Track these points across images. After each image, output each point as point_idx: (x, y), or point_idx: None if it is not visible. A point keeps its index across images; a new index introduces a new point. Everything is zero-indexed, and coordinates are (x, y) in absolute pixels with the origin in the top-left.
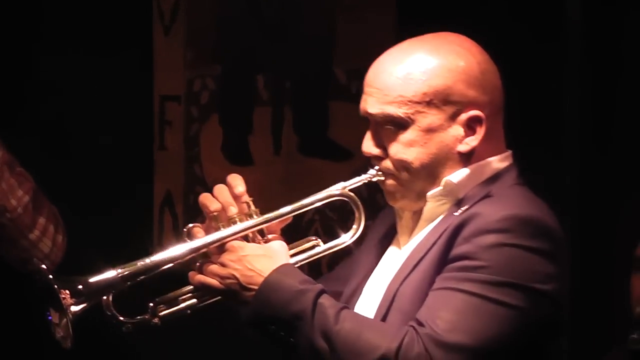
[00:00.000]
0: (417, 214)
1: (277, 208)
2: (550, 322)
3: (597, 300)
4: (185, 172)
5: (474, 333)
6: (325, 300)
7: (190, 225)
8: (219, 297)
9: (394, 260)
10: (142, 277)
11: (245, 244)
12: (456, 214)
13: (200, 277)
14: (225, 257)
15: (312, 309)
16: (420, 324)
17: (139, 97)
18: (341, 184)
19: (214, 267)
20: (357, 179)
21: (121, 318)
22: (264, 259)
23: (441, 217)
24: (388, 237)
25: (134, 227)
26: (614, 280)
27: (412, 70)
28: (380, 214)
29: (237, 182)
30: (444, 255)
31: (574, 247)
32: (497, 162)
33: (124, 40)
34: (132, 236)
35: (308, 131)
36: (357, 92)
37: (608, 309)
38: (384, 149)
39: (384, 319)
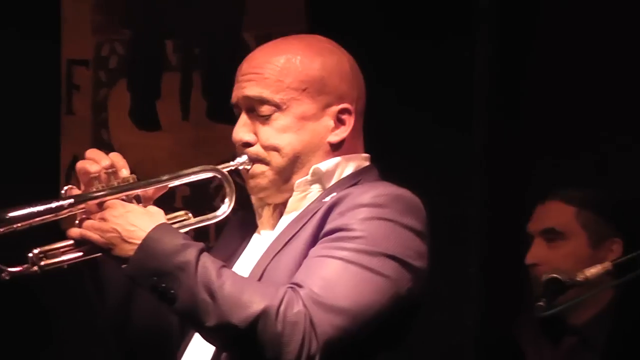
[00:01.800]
0: (278, 210)
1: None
2: (417, 297)
3: (508, 269)
4: (92, 137)
5: (350, 297)
6: (207, 256)
7: (67, 187)
8: (99, 252)
9: (258, 247)
10: (20, 226)
11: (126, 203)
12: (325, 200)
13: (81, 231)
14: (106, 213)
15: (196, 262)
16: (299, 285)
17: (47, 61)
18: (212, 166)
19: (94, 222)
20: (227, 164)
21: None
22: (145, 216)
23: (306, 203)
24: (246, 236)
25: (40, 192)
26: (525, 248)
27: (290, 60)
28: (229, 223)
29: (119, 159)
30: (317, 232)
31: (486, 216)
32: (362, 159)
33: (31, 3)
34: (38, 201)
35: (217, 96)
36: None
37: (519, 277)
38: (256, 135)
39: None
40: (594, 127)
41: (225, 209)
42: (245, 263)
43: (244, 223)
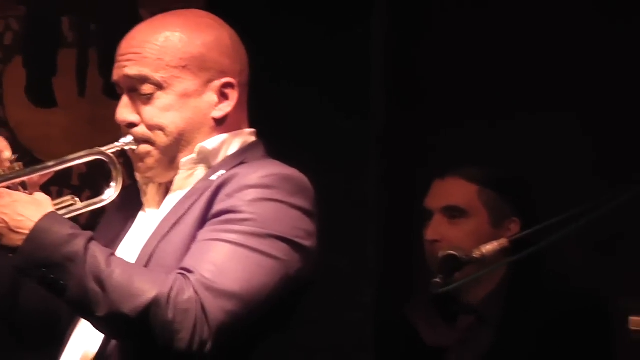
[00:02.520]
0: (163, 188)
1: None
2: (307, 277)
3: (406, 247)
4: None
5: (241, 281)
6: (95, 245)
7: None
8: None
9: (144, 226)
10: None
11: (13, 191)
12: (213, 178)
13: None
14: None
15: (84, 252)
16: (189, 270)
17: None
18: (97, 149)
19: None
20: (111, 145)
21: None
22: (32, 206)
23: (192, 182)
24: (131, 213)
25: None
26: (422, 224)
27: (169, 38)
28: (113, 203)
29: (3, 145)
30: (205, 214)
31: (383, 193)
32: (248, 134)
33: None
34: None
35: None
36: None
37: (413, 258)
38: (139, 115)
39: None
40: (489, 104)
41: (111, 192)
42: (132, 243)
43: (128, 199)
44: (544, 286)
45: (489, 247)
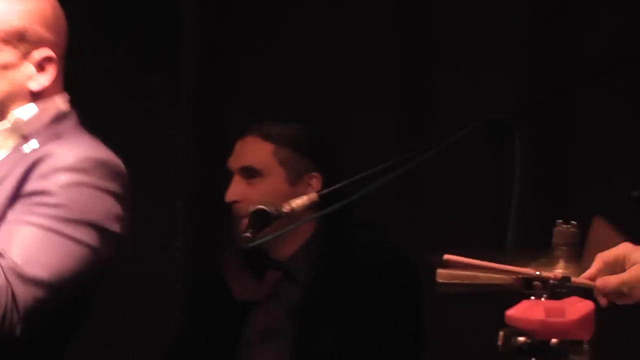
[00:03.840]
0: None
1: None
2: (114, 261)
3: (217, 203)
4: None
5: (50, 267)
6: None
7: None
8: None
9: None
10: None
11: None
12: (26, 151)
13: None
14: None
15: None
16: (0, 254)
17: None
18: None
19: None
20: None
21: None
22: None
23: (4, 153)
24: None
25: None
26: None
27: None
28: None
29: None
30: (17, 190)
31: (194, 149)
32: (62, 102)
33: None
34: None
35: None
36: None
37: (223, 213)
38: None
39: None
40: (301, 59)
41: None
42: None
43: None
44: (352, 241)
45: (298, 202)
